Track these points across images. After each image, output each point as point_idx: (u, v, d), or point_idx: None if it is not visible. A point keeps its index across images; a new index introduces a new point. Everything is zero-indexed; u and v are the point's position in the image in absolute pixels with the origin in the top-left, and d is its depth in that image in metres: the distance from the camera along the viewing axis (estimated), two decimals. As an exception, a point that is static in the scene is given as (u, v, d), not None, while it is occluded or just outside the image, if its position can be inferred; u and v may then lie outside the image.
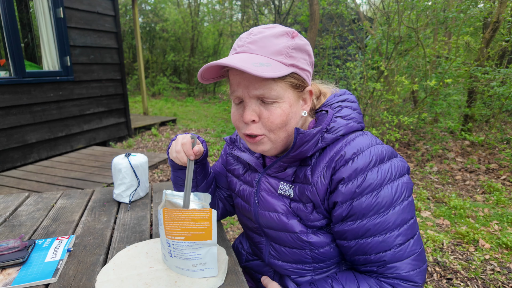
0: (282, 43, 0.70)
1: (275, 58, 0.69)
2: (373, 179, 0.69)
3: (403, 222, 0.70)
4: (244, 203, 0.92)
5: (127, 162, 1.22)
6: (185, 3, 13.89)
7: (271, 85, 0.69)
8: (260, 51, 0.70)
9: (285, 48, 0.70)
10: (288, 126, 0.73)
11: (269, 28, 0.72)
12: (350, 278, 0.75)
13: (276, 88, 0.70)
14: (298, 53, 0.72)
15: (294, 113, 0.74)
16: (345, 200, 0.71)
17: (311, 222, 0.78)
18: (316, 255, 0.80)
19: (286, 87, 0.71)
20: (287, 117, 0.72)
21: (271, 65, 0.67)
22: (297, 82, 0.72)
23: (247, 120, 0.72)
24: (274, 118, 0.71)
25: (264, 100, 0.71)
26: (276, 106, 0.71)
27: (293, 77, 0.71)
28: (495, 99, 4.59)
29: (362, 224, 0.70)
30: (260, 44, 0.70)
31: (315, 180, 0.74)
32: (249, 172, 0.91)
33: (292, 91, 0.72)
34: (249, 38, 0.71)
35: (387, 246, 0.70)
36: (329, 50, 6.51)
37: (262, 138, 0.75)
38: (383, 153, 0.72)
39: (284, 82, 0.70)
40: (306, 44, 0.74)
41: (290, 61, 0.70)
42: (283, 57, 0.69)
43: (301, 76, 0.73)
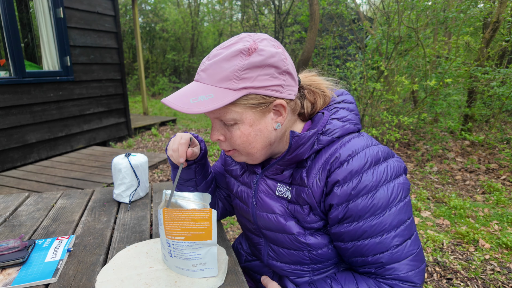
0: (231, 67, 0.67)
1: (221, 85, 0.68)
2: (369, 180, 0.69)
3: (400, 223, 0.70)
4: (242, 204, 0.91)
5: (127, 162, 1.22)
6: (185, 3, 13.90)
7: (225, 110, 0.70)
8: (208, 79, 0.69)
9: (233, 73, 0.67)
10: (254, 143, 0.74)
11: (227, 47, 0.70)
12: (349, 278, 0.76)
13: (231, 111, 0.70)
14: (254, 71, 0.68)
15: (258, 131, 0.73)
16: (341, 202, 0.71)
17: (308, 224, 0.78)
18: (314, 256, 0.80)
19: (243, 109, 0.70)
20: (247, 138, 0.73)
21: (213, 96, 0.67)
22: (255, 101, 0.70)
23: (213, 140, 0.77)
24: (234, 139, 0.74)
25: (224, 121, 0.73)
26: (235, 127, 0.72)
27: (249, 98, 0.69)
28: (495, 99, 4.59)
29: (358, 226, 0.70)
30: (209, 72, 0.69)
31: (311, 182, 0.74)
32: (247, 173, 0.91)
33: (252, 111, 0.70)
34: (204, 64, 0.72)
35: (384, 247, 0.70)
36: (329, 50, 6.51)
37: (233, 152, 0.78)
38: (379, 154, 0.72)
39: (239, 106, 0.69)
40: (269, 57, 0.68)
41: (240, 84, 0.67)
42: (230, 82, 0.67)
43: (260, 94, 0.69)
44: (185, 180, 0.96)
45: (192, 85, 0.71)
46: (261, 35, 0.73)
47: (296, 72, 0.79)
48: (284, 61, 0.71)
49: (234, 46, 0.69)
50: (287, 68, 0.71)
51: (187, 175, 0.95)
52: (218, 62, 0.69)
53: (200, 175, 0.96)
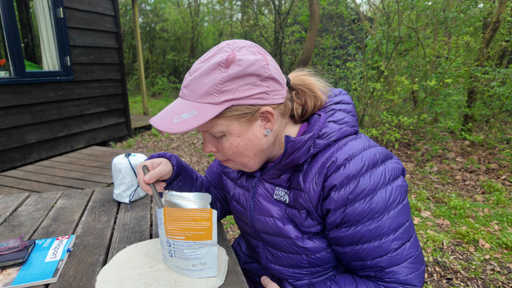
0: (211, 81, 0.67)
1: (203, 101, 0.68)
2: (366, 184, 0.68)
3: (398, 226, 0.69)
4: (240, 207, 0.91)
5: (127, 162, 1.22)
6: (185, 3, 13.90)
7: (211, 124, 0.70)
8: (190, 96, 0.69)
9: (213, 87, 0.66)
10: (246, 152, 0.74)
11: (206, 60, 0.69)
12: (348, 281, 0.75)
13: (217, 124, 0.70)
14: (235, 83, 0.67)
15: (247, 140, 0.72)
16: (338, 207, 0.70)
17: (306, 228, 0.77)
18: (313, 260, 0.79)
19: (229, 121, 0.70)
20: (237, 148, 0.73)
21: (195, 112, 0.67)
22: (239, 112, 0.69)
23: (206, 152, 0.78)
24: (225, 150, 0.74)
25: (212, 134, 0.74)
26: (224, 139, 0.73)
27: (233, 109, 0.68)
28: (495, 99, 4.59)
29: (356, 230, 0.69)
30: (191, 88, 0.69)
31: (307, 187, 0.73)
32: (245, 177, 0.90)
33: (238, 121, 0.70)
34: (185, 80, 0.71)
35: (383, 251, 0.69)
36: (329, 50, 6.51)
37: (228, 162, 0.79)
38: (376, 156, 0.71)
39: (223, 118, 0.69)
40: (248, 67, 0.67)
41: (222, 97, 0.67)
42: (211, 97, 0.67)
43: (243, 104, 0.68)
44: (181, 188, 0.95)
45: (176, 103, 0.72)
46: (240, 42, 0.71)
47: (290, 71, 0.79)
48: (265, 67, 0.69)
49: (212, 59, 0.68)
50: (269, 74, 0.69)
51: (175, 189, 0.93)
52: (198, 77, 0.68)
53: (185, 186, 0.95)
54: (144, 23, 12.53)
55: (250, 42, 0.73)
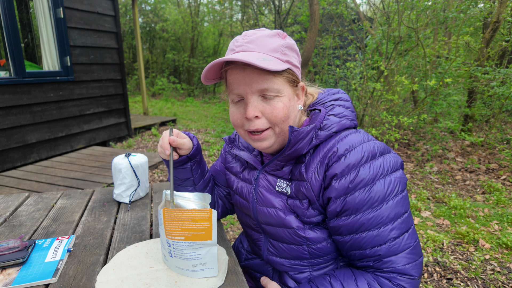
0: (276, 42, 0.74)
1: (273, 54, 0.73)
2: (366, 174, 0.71)
3: (397, 216, 0.71)
4: (243, 200, 0.93)
5: (127, 162, 1.22)
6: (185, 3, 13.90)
7: (272, 80, 0.72)
8: (259, 49, 0.73)
9: (279, 46, 0.74)
10: (289, 119, 0.77)
11: (260, 30, 0.76)
12: (347, 274, 0.76)
13: (277, 82, 0.73)
14: (290, 52, 0.76)
15: (293, 107, 0.77)
16: (339, 196, 0.72)
17: (308, 218, 0.79)
18: (314, 250, 0.82)
19: (284, 82, 0.75)
20: (288, 110, 0.75)
21: (272, 60, 0.71)
22: (292, 77, 0.76)
23: (250, 116, 0.74)
24: (277, 112, 0.74)
25: (265, 95, 0.74)
26: (277, 100, 0.74)
27: (289, 72, 0.75)
28: (495, 99, 4.59)
29: (356, 219, 0.72)
30: (258, 43, 0.74)
31: (310, 176, 0.76)
32: (247, 170, 0.93)
33: (289, 86, 0.76)
34: (245, 38, 0.75)
35: (382, 240, 0.71)
36: (329, 50, 6.51)
37: (267, 132, 0.77)
38: (375, 149, 0.74)
39: (282, 77, 0.74)
40: (295, 44, 0.79)
41: (285, 58, 0.74)
42: (279, 54, 0.74)
43: (295, 72, 0.77)
44: (183, 180, 0.96)
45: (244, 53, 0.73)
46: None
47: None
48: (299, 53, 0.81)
49: (266, 30, 0.76)
50: (300, 59, 0.81)
51: (184, 174, 0.95)
52: (262, 37, 0.74)
53: (197, 174, 0.96)
54: (144, 23, 12.53)
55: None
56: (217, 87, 12.85)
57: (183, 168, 0.93)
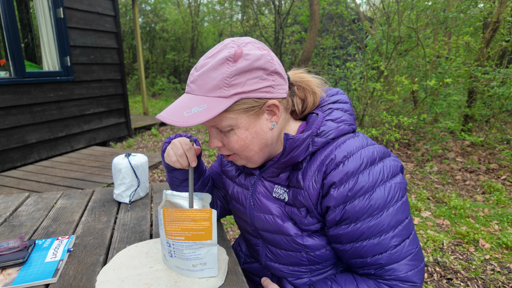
0: (219, 76, 0.67)
1: (212, 95, 0.68)
2: (365, 181, 0.69)
3: (398, 223, 0.70)
4: (239, 205, 0.91)
5: (127, 162, 1.22)
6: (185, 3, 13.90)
7: (220, 118, 0.71)
8: (199, 90, 0.70)
9: (222, 81, 0.67)
10: (252, 146, 0.74)
11: (213, 56, 0.70)
12: (349, 280, 0.75)
13: (226, 118, 0.71)
14: (243, 76, 0.68)
15: (255, 134, 0.73)
16: (338, 204, 0.70)
17: (306, 226, 0.77)
18: (312, 257, 0.80)
19: (237, 114, 0.71)
20: (244, 141, 0.73)
21: (206, 106, 0.67)
22: (248, 105, 0.70)
23: (212, 147, 0.78)
24: (232, 144, 0.74)
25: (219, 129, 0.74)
26: (232, 133, 0.73)
27: (241, 103, 0.69)
28: (495, 99, 4.59)
29: (356, 227, 0.70)
30: (199, 83, 0.70)
31: (307, 184, 0.74)
32: (243, 175, 0.90)
33: (246, 115, 0.71)
34: (192, 75, 0.72)
35: (383, 248, 0.69)
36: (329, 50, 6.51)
37: (234, 157, 0.79)
38: (374, 154, 0.72)
39: (232, 112, 0.70)
40: (255, 61, 0.68)
41: (231, 91, 0.68)
42: (221, 91, 0.68)
43: (252, 97, 0.70)
44: (182, 180, 0.96)
45: (184, 98, 0.72)
46: (245, 39, 0.73)
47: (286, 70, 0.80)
48: (270, 62, 0.71)
49: (219, 54, 0.69)
50: (274, 68, 0.71)
51: (183, 175, 0.94)
52: (206, 72, 0.69)
53: (196, 174, 0.96)
54: (144, 23, 12.53)
55: (254, 39, 0.75)
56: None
57: (183, 170, 0.93)
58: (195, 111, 0.67)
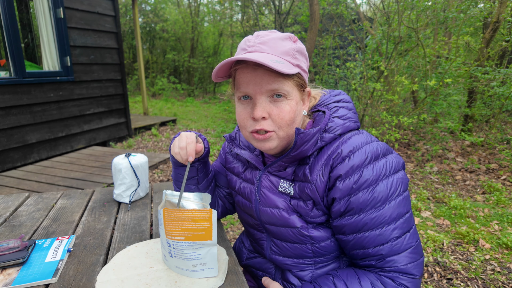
0: (288, 45, 0.74)
1: (285, 57, 0.74)
2: (369, 175, 0.72)
3: (399, 216, 0.73)
4: (245, 200, 0.93)
5: (127, 162, 1.22)
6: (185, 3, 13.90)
7: (283, 82, 0.73)
8: (271, 50, 0.73)
9: (291, 50, 0.74)
10: (294, 123, 0.77)
11: (272, 32, 0.76)
12: (351, 274, 0.77)
13: (287, 84, 0.74)
14: (300, 56, 0.76)
15: (299, 111, 0.78)
16: (343, 196, 0.73)
17: (312, 219, 0.80)
18: (317, 249, 0.82)
19: (293, 86, 0.75)
20: (294, 113, 0.75)
21: (284, 63, 0.71)
22: (300, 82, 0.76)
23: (258, 116, 0.74)
24: (284, 114, 0.74)
25: (274, 97, 0.74)
26: (285, 103, 0.74)
27: (298, 77, 0.75)
28: (495, 99, 4.59)
29: (359, 218, 0.73)
30: (270, 45, 0.74)
31: (314, 178, 0.77)
32: (249, 170, 0.93)
33: (297, 90, 0.76)
34: (258, 39, 0.75)
35: (384, 239, 0.72)
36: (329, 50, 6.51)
37: (271, 134, 0.76)
38: (378, 150, 0.75)
39: (292, 81, 0.74)
40: (305, 49, 0.79)
41: (295, 61, 0.75)
42: (290, 57, 0.74)
43: (303, 77, 0.77)
44: (187, 178, 0.96)
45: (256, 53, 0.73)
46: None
47: None
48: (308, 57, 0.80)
49: (277, 33, 0.76)
50: (309, 64, 0.81)
51: (190, 173, 0.95)
52: (275, 39, 0.74)
53: (202, 173, 0.97)
54: (144, 23, 12.53)
55: None
56: (217, 87, 12.85)
57: (190, 167, 0.94)
58: (277, 61, 0.70)
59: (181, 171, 0.96)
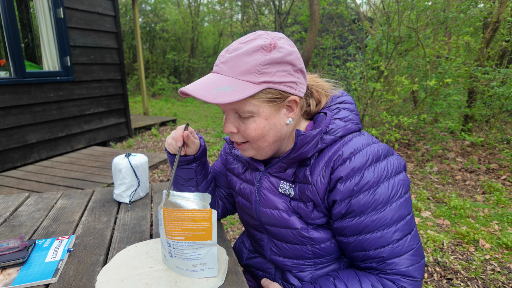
0: (253, 61, 0.69)
1: (243, 78, 0.69)
2: (370, 177, 0.71)
3: (400, 218, 0.72)
4: (245, 201, 0.93)
5: (127, 162, 1.22)
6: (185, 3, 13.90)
7: (244, 102, 0.71)
8: (229, 72, 0.70)
9: (254, 66, 0.69)
10: (266, 137, 0.75)
11: (247, 42, 0.72)
12: (351, 275, 0.77)
13: (249, 104, 0.71)
14: (274, 67, 0.70)
15: (272, 125, 0.75)
16: (344, 198, 0.73)
17: (312, 220, 0.80)
18: (317, 250, 0.82)
19: (261, 102, 0.72)
20: (262, 130, 0.74)
21: (235, 87, 0.68)
22: (272, 96, 0.72)
23: (225, 131, 0.78)
24: (249, 132, 0.74)
25: (239, 114, 0.74)
26: (251, 120, 0.74)
27: (267, 92, 0.71)
28: (495, 99, 4.59)
29: (360, 220, 0.72)
30: (230, 65, 0.70)
31: (315, 179, 0.76)
32: (249, 171, 0.92)
33: (268, 105, 0.73)
34: (223, 57, 0.73)
35: (385, 241, 0.72)
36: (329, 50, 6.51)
37: (245, 145, 0.79)
38: (379, 151, 0.75)
39: (256, 99, 0.71)
40: (287, 55, 0.71)
41: (261, 78, 0.69)
42: (251, 76, 0.69)
43: (278, 89, 0.72)
44: (186, 179, 0.96)
45: (212, 76, 0.72)
46: (278, 34, 0.76)
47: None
48: (299, 59, 0.75)
49: (254, 42, 0.71)
50: (301, 66, 0.75)
51: (188, 174, 0.95)
52: (240, 55, 0.70)
53: (200, 175, 0.96)
54: (144, 23, 12.53)
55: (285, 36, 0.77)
56: (217, 87, 12.81)
57: (188, 168, 0.94)
58: (224, 90, 0.68)
59: (180, 172, 0.96)
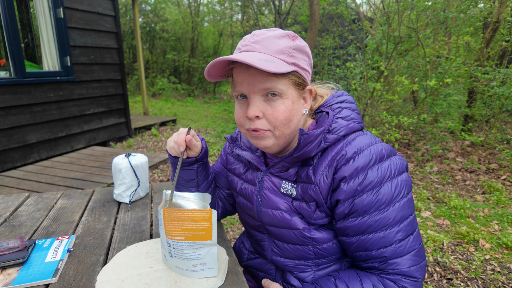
0: (283, 43, 0.73)
1: (278, 56, 0.72)
2: (374, 177, 0.71)
3: (403, 218, 0.72)
4: (246, 201, 0.93)
5: (127, 162, 1.22)
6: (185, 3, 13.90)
7: (276, 81, 0.72)
8: (264, 49, 0.72)
9: (286, 48, 0.72)
10: (291, 123, 0.75)
11: (271, 30, 0.75)
12: (352, 276, 0.77)
13: (282, 83, 0.72)
14: (299, 54, 0.74)
15: (296, 110, 0.76)
16: (347, 198, 0.73)
17: (314, 220, 0.79)
18: (319, 250, 0.82)
19: (289, 84, 0.73)
20: (290, 113, 0.74)
21: (275, 62, 0.70)
22: (298, 80, 0.75)
23: (251, 115, 0.73)
24: (278, 114, 0.73)
25: (268, 96, 0.73)
26: (279, 102, 0.73)
27: (294, 75, 0.74)
28: (495, 99, 4.59)
29: (363, 220, 0.72)
30: (264, 43, 0.72)
31: (318, 179, 0.76)
32: (251, 171, 0.92)
33: (294, 88, 0.74)
34: (252, 38, 0.74)
35: (388, 241, 0.72)
36: (329, 50, 6.51)
37: (267, 132, 0.75)
38: (383, 151, 0.74)
39: (287, 79, 0.73)
40: (306, 46, 0.77)
41: (291, 60, 0.73)
42: (285, 55, 0.72)
43: (302, 75, 0.75)
44: (187, 180, 0.96)
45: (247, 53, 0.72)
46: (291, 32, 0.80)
47: None
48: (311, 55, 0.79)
49: (276, 30, 0.75)
50: (311, 61, 0.79)
51: (189, 175, 0.95)
52: (270, 37, 0.73)
53: (201, 176, 0.96)
54: (144, 23, 12.52)
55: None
56: (217, 87, 12.85)
57: (189, 169, 0.93)
58: (266, 61, 0.68)
59: (180, 173, 0.95)
